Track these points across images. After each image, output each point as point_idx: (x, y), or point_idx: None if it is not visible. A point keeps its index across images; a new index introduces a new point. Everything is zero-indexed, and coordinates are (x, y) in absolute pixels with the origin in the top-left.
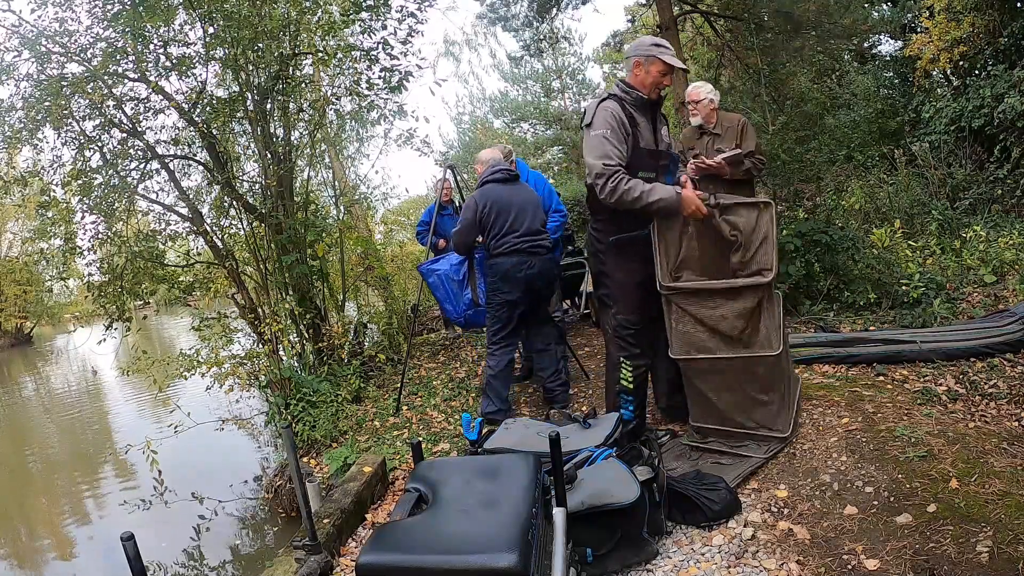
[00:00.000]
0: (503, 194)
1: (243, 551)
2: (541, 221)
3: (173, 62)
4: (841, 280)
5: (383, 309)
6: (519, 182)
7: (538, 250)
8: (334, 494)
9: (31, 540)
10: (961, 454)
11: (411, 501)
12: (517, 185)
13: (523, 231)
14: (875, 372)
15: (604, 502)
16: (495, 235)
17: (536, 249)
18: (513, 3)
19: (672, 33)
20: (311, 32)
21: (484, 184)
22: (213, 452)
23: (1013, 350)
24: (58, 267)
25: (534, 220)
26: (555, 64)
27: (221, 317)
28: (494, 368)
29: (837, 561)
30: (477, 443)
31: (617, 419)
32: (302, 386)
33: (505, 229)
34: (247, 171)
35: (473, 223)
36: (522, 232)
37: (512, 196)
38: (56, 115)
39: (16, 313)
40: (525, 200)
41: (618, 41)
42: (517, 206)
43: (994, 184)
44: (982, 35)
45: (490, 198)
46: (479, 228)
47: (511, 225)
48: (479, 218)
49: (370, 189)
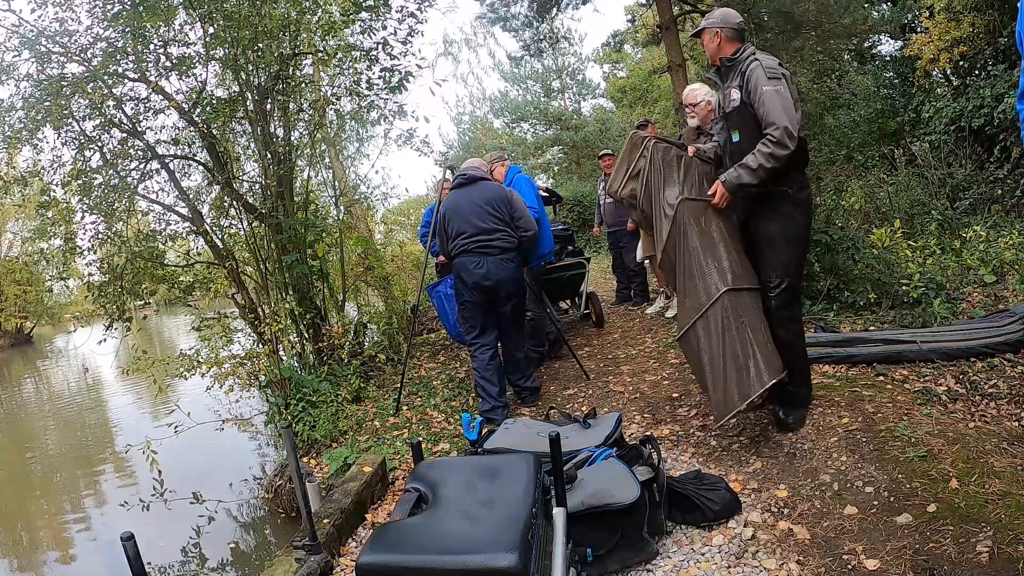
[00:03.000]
0: (456, 199)
1: (243, 551)
2: (496, 220)
3: (173, 62)
4: (841, 280)
5: (383, 309)
6: (479, 184)
7: (487, 250)
8: (334, 494)
9: (31, 540)
10: (961, 454)
11: (411, 501)
12: (474, 187)
13: (471, 231)
14: (875, 372)
15: (604, 502)
16: (450, 238)
17: (485, 249)
18: (513, 3)
19: (672, 33)
20: (311, 32)
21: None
22: (213, 452)
23: (1013, 350)
24: (58, 267)
25: (484, 219)
26: (555, 64)
27: (221, 317)
28: (476, 368)
29: (837, 561)
30: (477, 443)
31: (617, 419)
32: (302, 386)
33: (455, 231)
34: (247, 171)
35: (439, 231)
36: (471, 232)
37: (463, 199)
38: (56, 115)
39: (16, 313)
40: (477, 201)
41: (618, 41)
42: (467, 208)
43: (994, 184)
44: (982, 35)
45: (446, 205)
46: (443, 235)
47: (460, 227)
48: (440, 226)
49: (370, 189)
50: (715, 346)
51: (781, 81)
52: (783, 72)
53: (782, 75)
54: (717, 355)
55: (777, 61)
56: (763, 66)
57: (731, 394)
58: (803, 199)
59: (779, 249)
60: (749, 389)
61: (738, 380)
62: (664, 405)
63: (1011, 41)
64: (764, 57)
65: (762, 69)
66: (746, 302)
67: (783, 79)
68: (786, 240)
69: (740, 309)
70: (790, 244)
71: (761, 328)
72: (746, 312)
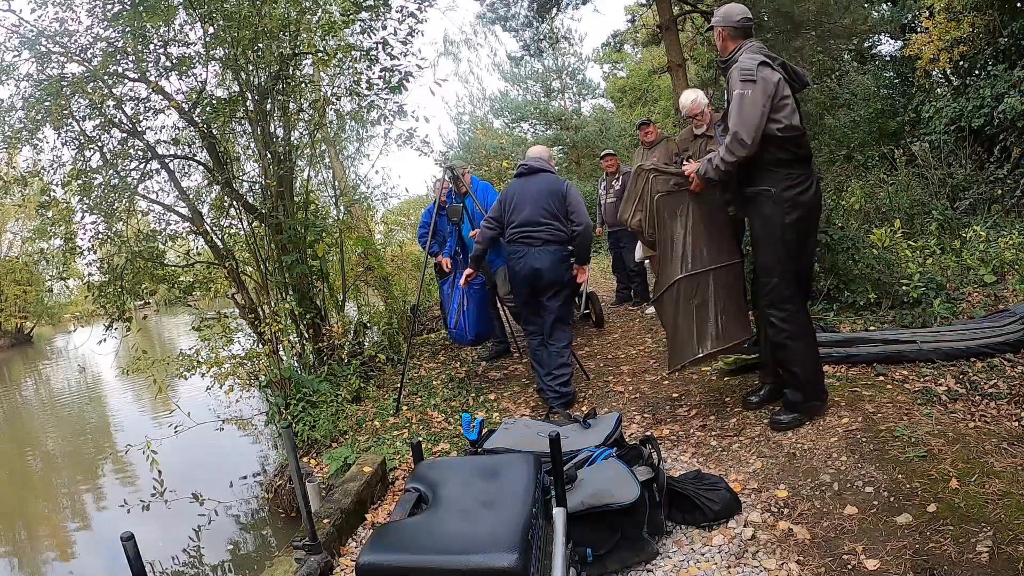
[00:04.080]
0: (518, 188)
1: (243, 551)
2: (546, 214)
3: (173, 62)
4: (841, 280)
5: (383, 309)
6: (539, 175)
7: (531, 240)
8: (334, 494)
9: (31, 540)
10: (961, 454)
11: (411, 501)
12: (534, 178)
13: (520, 221)
14: (875, 372)
15: (604, 502)
16: (506, 226)
17: (529, 240)
18: (513, 3)
19: (672, 33)
20: (311, 32)
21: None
22: (213, 452)
23: (1013, 350)
24: (58, 267)
25: (535, 211)
26: (555, 64)
27: (221, 317)
28: (530, 351)
29: (837, 561)
30: (477, 443)
31: (617, 419)
32: (302, 386)
33: (509, 220)
34: (247, 171)
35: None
36: (519, 222)
37: (523, 189)
38: (56, 115)
39: (16, 313)
40: (533, 192)
41: (618, 41)
42: (523, 198)
43: (994, 184)
44: (982, 35)
45: (508, 192)
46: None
47: (512, 216)
48: (502, 210)
49: (370, 189)
50: (670, 316)
51: (749, 84)
52: (758, 75)
53: (754, 78)
54: (671, 323)
55: (758, 60)
56: (740, 68)
57: (676, 355)
58: (788, 198)
59: (761, 250)
60: (688, 353)
61: (685, 344)
62: (664, 405)
63: (1011, 41)
64: (746, 57)
65: (738, 72)
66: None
67: (755, 82)
68: (767, 241)
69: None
70: (770, 245)
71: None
72: (701, 292)
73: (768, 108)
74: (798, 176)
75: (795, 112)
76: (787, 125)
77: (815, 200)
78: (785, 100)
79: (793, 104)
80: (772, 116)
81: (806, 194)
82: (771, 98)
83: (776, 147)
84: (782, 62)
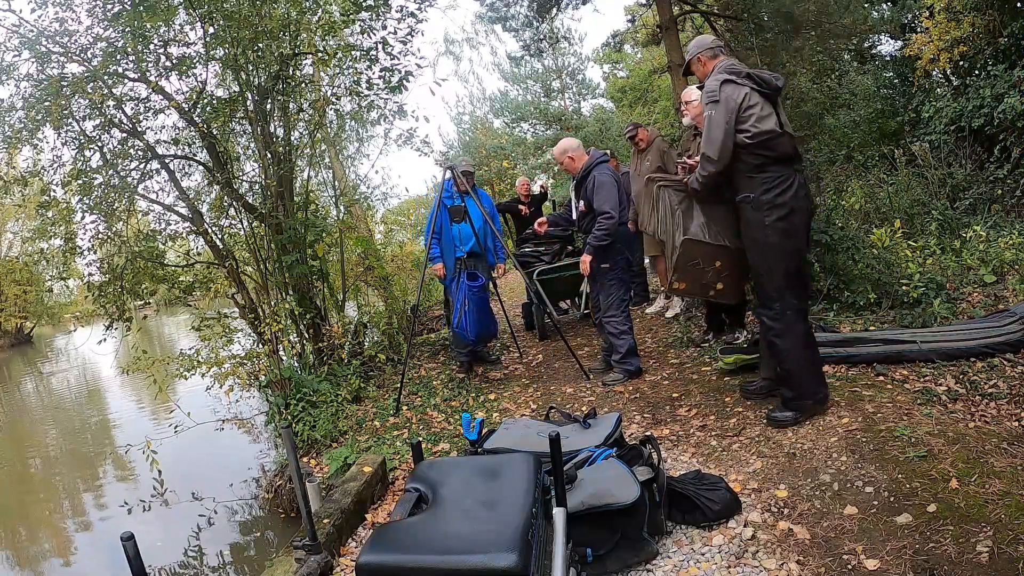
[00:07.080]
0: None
1: (243, 551)
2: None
3: (173, 62)
4: (841, 280)
5: (383, 309)
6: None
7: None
8: (334, 494)
9: (31, 540)
10: (961, 454)
11: (411, 501)
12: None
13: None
14: (875, 372)
15: (604, 502)
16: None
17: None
18: (513, 3)
19: (672, 33)
20: (311, 32)
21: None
22: (213, 452)
23: (1013, 350)
24: (58, 267)
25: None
26: (555, 64)
27: (221, 317)
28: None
29: (837, 561)
30: (477, 443)
31: (617, 419)
32: (302, 386)
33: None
34: (247, 171)
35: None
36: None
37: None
38: (56, 115)
39: (16, 313)
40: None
41: (618, 41)
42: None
43: (994, 184)
44: (982, 35)
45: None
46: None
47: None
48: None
49: (370, 189)
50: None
51: (713, 105)
52: (720, 95)
53: (717, 98)
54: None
55: (721, 79)
56: (706, 91)
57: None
58: (767, 201)
59: (749, 252)
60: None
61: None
62: (664, 405)
63: (1011, 41)
64: (711, 80)
65: (706, 95)
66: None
67: (718, 102)
68: (751, 243)
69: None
70: (755, 247)
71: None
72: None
73: (732, 123)
74: (776, 178)
75: (767, 117)
76: (756, 132)
77: (798, 200)
78: (751, 110)
79: (763, 110)
80: (739, 128)
81: (785, 195)
82: (734, 112)
83: (748, 154)
84: (748, 73)
